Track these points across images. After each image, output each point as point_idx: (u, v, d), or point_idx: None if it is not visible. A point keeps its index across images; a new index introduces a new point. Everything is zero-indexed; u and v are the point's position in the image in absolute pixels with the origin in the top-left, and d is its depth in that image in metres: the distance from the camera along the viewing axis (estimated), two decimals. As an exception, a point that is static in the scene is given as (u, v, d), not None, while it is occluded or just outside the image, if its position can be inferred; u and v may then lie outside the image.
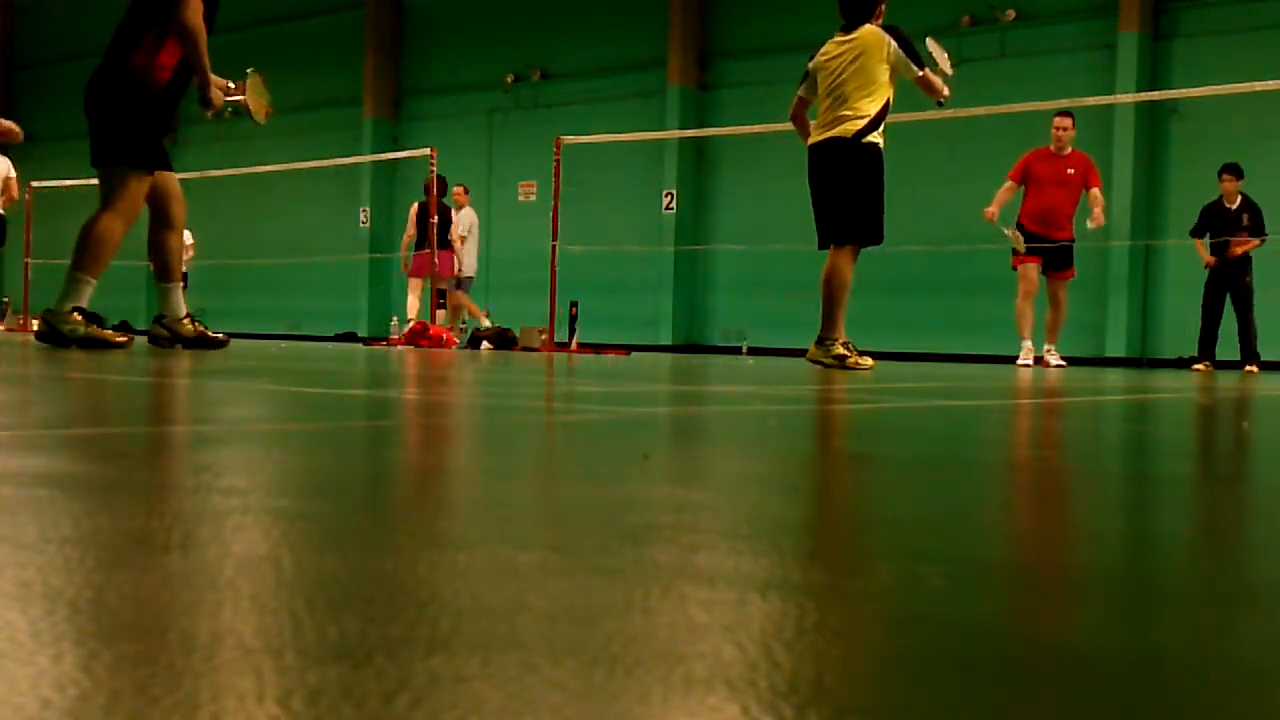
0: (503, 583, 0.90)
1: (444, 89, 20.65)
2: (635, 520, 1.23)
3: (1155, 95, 13.58)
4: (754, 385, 5.21)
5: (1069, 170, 10.66)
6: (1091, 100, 13.09)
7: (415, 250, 14.83)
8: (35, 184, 19.11)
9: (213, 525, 1.13)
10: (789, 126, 8.21)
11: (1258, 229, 12.04)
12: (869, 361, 7.41)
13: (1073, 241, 10.95)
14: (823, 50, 7.68)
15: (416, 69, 21.31)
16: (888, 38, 7.45)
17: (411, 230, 15.18)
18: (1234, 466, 2.24)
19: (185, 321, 7.51)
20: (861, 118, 7.38)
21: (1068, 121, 10.78)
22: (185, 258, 18.05)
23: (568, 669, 0.65)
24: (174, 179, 7.38)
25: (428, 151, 14.80)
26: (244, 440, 2.14)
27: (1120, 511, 1.58)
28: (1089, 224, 10.74)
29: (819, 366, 7.27)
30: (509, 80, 19.80)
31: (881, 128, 7.48)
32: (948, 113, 13.41)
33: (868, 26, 7.55)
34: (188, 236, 18.23)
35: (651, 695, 0.62)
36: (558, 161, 13.00)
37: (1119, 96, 13.69)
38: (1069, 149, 10.77)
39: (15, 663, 0.64)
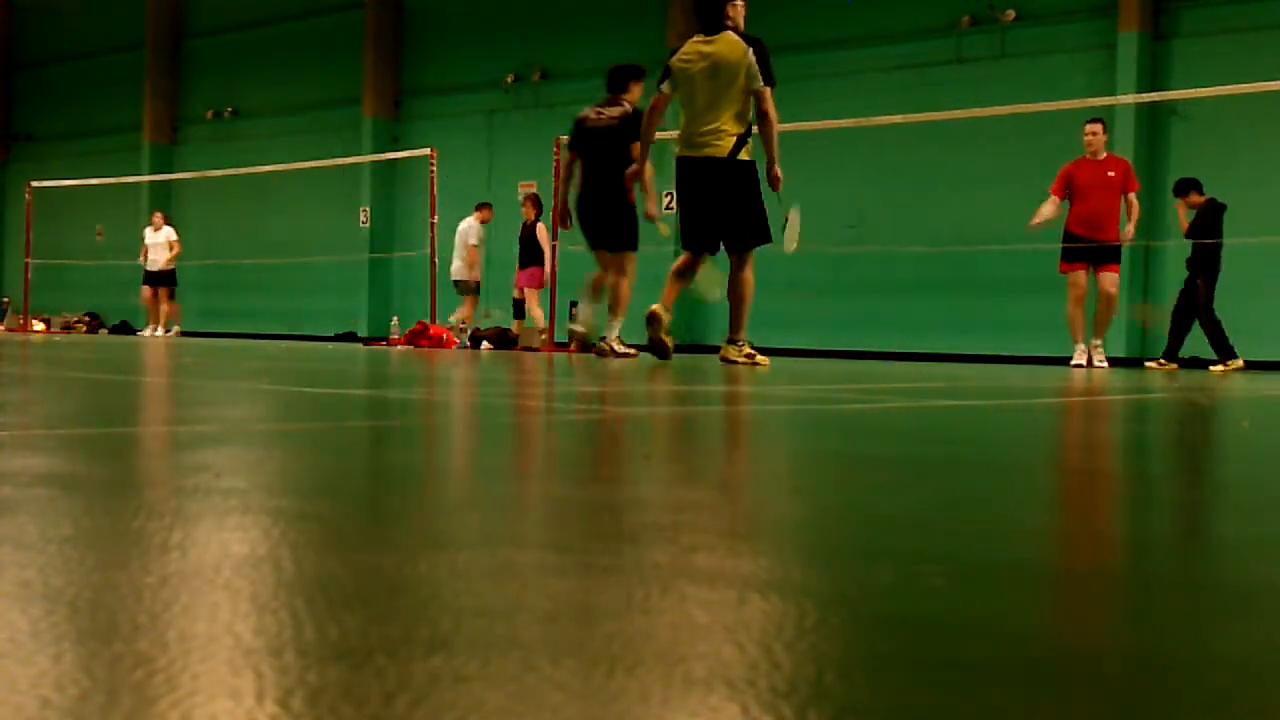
0: (503, 583, 0.90)
1: (444, 89, 20.62)
2: (635, 520, 1.23)
3: (1156, 96, 13.57)
4: (753, 386, 5.20)
5: (1109, 173, 10.73)
6: (1092, 101, 13.08)
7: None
8: (35, 184, 19.07)
9: (213, 525, 1.13)
10: (788, 126, 8.18)
11: None
12: (766, 360, 7.73)
13: (1119, 243, 10.96)
14: (684, 52, 7.52)
15: (416, 69, 21.29)
16: (747, 50, 7.25)
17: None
18: (1228, 469, 2.24)
19: (601, 342, 8.75)
20: (731, 137, 7.44)
21: (1097, 127, 10.80)
22: (170, 254, 18.05)
23: (568, 669, 0.65)
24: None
25: (428, 151, 14.77)
26: (244, 440, 2.14)
27: (1119, 512, 1.57)
28: (1125, 237, 10.86)
29: (731, 365, 7.44)
30: (509, 80, 19.77)
31: (749, 143, 7.50)
32: (948, 113, 13.42)
33: (728, 34, 7.31)
34: (172, 234, 18.22)
35: (651, 695, 0.62)
36: (558, 161, 13.00)
37: (1120, 98, 13.68)
38: (1104, 153, 10.81)
39: (15, 662, 0.64)
